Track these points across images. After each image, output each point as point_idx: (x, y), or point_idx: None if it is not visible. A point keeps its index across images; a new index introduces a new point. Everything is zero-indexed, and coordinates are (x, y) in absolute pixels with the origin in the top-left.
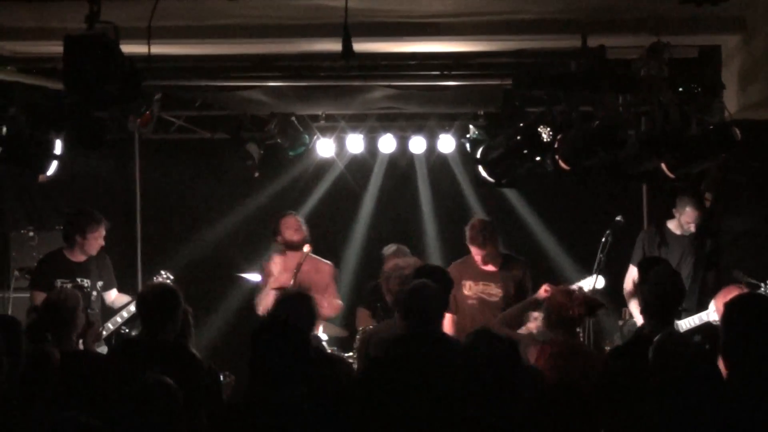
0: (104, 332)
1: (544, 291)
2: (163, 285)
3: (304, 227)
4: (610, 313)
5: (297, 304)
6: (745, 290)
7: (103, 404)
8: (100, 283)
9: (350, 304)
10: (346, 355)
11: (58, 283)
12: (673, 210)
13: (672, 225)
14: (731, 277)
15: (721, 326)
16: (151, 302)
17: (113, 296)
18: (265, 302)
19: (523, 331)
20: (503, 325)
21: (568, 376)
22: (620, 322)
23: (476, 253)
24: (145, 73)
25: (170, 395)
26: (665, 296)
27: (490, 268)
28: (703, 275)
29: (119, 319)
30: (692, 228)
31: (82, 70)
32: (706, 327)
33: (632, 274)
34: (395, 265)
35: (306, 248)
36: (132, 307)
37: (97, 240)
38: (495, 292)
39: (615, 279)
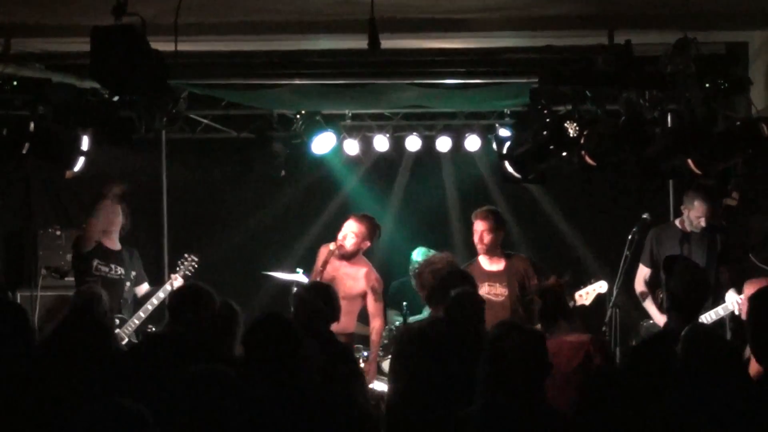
0: (131, 327)
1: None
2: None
3: (353, 234)
4: (633, 310)
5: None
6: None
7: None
8: (133, 274)
9: None
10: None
11: (95, 263)
12: (681, 207)
13: (681, 222)
14: (748, 265)
15: (747, 319)
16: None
17: (145, 290)
18: None
19: None
20: None
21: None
22: (642, 322)
23: (475, 230)
24: (172, 70)
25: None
26: (692, 292)
27: (495, 267)
28: (717, 271)
29: (143, 314)
30: (702, 223)
31: (110, 60)
32: (734, 320)
33: (643, 273)
34: (427, 260)
35: (331, 245)
36: (155, 300)
37: (107, 211)
38: (500, 291)
39: None
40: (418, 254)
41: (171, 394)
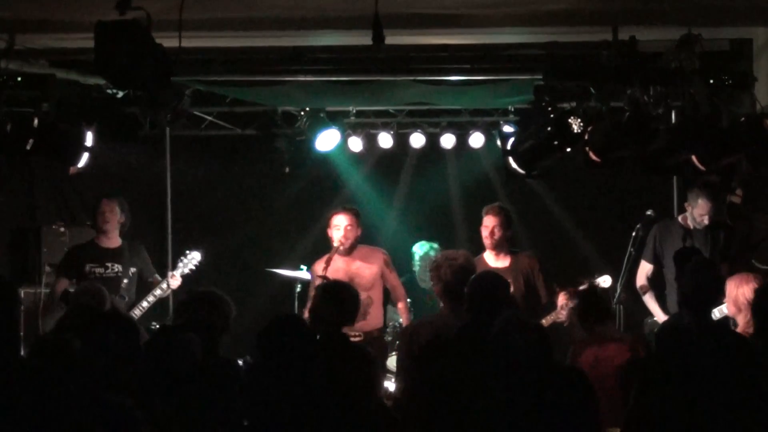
0: None
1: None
2: None
3: (350, 226)
4: (637, 307)
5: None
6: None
7: None
8: (132, 270)
9: None
10: None
11: (88, 267)
12: (685, 204)
13: (684, 219)
14: (750, 263)
15: (754, 311)
16: None
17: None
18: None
19: None
20: None
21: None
22: (647, 319)
23: (485, 226)
24: (176, 67)
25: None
26: (704, 288)
27: (501, 264)
28: (719, 268)
29: (138, 312)
30: (705, 221)
31: (114, 56)
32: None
33: (645, 269)
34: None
35: (335, 243)
36: (151, 298)
37: (113, 213)
38: None
39: None
40: (420, 248)
41: None
